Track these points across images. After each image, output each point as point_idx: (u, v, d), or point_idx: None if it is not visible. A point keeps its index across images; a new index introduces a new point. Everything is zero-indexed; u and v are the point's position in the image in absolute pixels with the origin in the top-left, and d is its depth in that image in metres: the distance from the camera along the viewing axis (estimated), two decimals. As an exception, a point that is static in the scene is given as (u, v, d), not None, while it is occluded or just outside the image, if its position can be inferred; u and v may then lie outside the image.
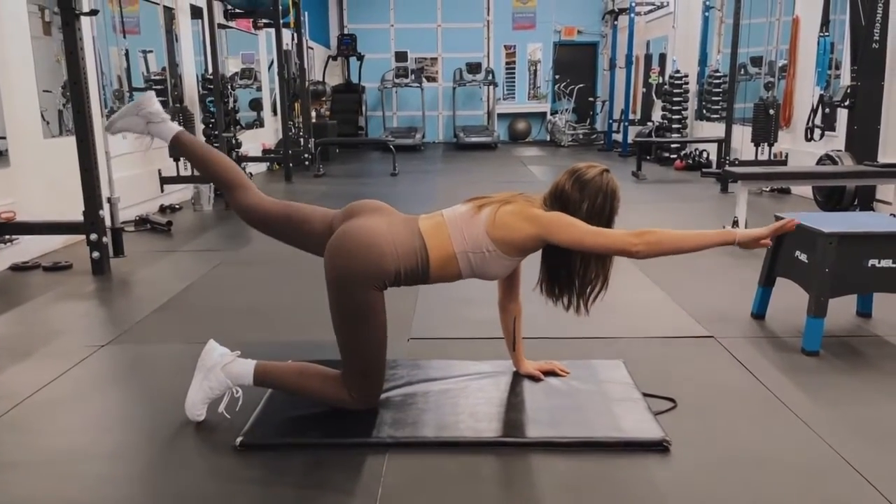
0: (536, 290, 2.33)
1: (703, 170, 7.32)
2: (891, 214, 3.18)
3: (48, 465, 2.02)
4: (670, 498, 1.83)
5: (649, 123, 11.60)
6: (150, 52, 7.25)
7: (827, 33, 6.70)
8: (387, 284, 2.14)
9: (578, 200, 2.17)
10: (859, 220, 3.46)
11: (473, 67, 14.55)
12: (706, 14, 10.35)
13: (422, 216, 2.27)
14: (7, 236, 4.31)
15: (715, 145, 8.42)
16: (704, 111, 10.35)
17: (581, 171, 2.21)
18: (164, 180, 6.43)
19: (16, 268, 4.32)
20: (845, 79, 6.32)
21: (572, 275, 2.24)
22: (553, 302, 2.31)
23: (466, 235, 2.17)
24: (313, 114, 11.20)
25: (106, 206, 4.38)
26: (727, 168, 5.83)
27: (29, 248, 4.51)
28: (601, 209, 2.18)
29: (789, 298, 3.16)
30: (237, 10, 8.83)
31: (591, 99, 14.97)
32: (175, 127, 2.43)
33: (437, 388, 2.43)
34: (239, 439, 2.09)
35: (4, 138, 4.45)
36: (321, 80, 13.47)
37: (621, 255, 2.12)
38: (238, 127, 7.89)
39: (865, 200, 5.68)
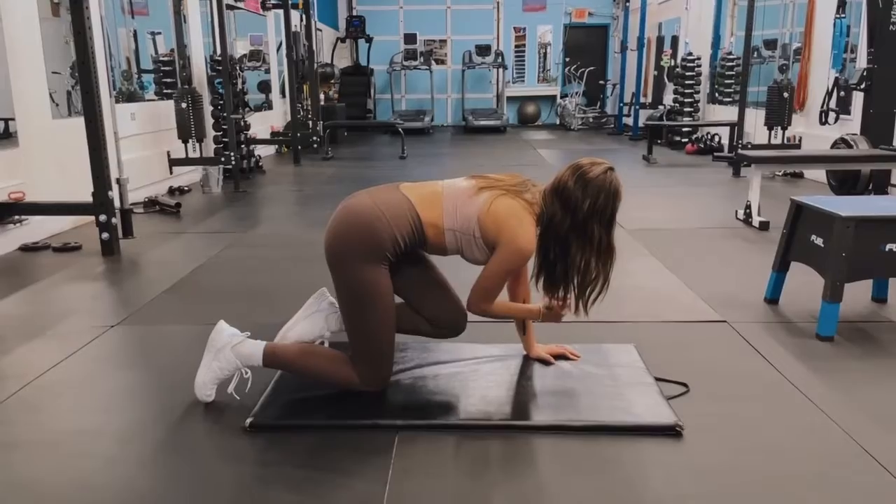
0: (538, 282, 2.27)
1: (715, 154, 7.27)
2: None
3: (57, 445, 2.02)
4: (683, 483, 1.81)
5: (660, 107, 11.50)
6: (159, 33, 7.21)
7: (843, 15, 6.59)
8: (389, 256, 2.11)
9: (580, 199, 2.09)
10: (876, 204, 3.41)
11: (483, 50, 14.42)
12: (720, -5, 10.22)
13: (404, 183, 2.24)
14: (17, 217, 4.32)
15: (727, 129, 8.34)
16: (717, 94, 10.24)
17: (584, 168, 2.12)
18: (173, 162, 6.42)
19: (25, 248, 4.33)
20: (861, 61, 6.22)
21: (570, 272, 2.17)
22: (549, 298, 2.25)
23: (458, 214, 2.14)
24: (322, 96, 11.14)
25: (115, 187, 4.38)
26: (740, 151, 5.75)
27: (38, 228, 4.51)
28: (603, 209, 2.10)
29: (803, 283, 3.12)
30: (246, -9, 8.78)
31: (601, 82, 14.83)
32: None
33: (446, 371, 2.42)
34: (248, 420, 2.08)
35: (13, 119, 4.44)
36: (330, 62, 13.39)
37: (467, 306, 2.24)
38: (246, 109, 7.86)
39: (880, 185, 5.62)
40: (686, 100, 10.47)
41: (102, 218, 4.14)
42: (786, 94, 7.26)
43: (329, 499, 1.75)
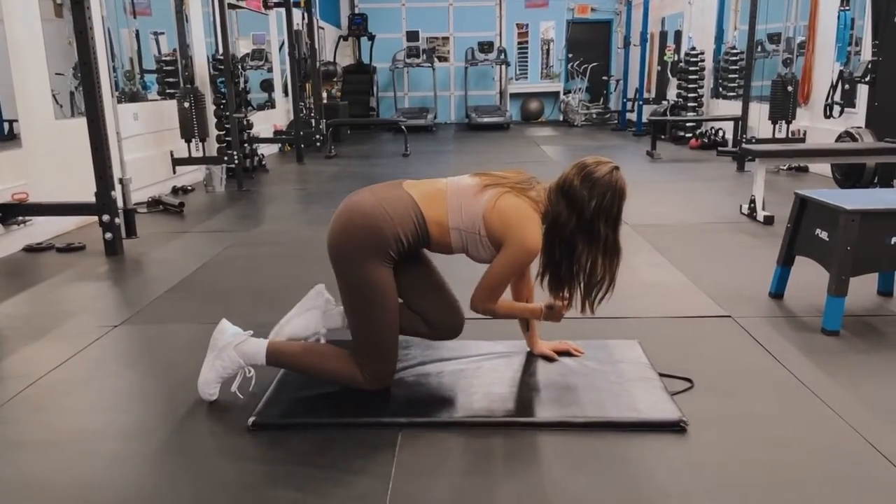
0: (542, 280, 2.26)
1: (719, 148, 7.25)
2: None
3: (62, 444, 2.03)
4: (687, 479, 1.80)
5: (664, 102, 11.46)
6: (162, 33, 7.22)
7: (847, 7, 6.56)
8: (392, 255, 2.11)
9: (586, 198, 2.08)
10: (881, 196, 3.38)
11: (485, 47, 14.39)
12: (723, -11, 10.17)
13: (407, 181, 2.23)
14: (20, 217, 4.33)
15: (731, 123, 8.31)
16: (720, 89, 10.20)
17: (590, 167, 2.11)
18: (177, 162, 6.43)
19: (29, 249, 4.34)
20: (866, 54, 6.19)
21: (575, 271, 2.16)
22: (554, 297, 2.24)
23: (464, 213, 2.13)
24: (324, 94, 11.14)
25: (118, 187, 4.38)
26: (744, 146, 5.73)
27: (42, 229, 4.52)
28: (609, 208, 2.09)
29: (808, 277, 3.10)
30: (247, -10, 8.77)
31: (604, 78, 14.79)
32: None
33: (450, 368, 2.41)
34: (251, 419, 2.08)
35: (17, 120, 4.45)
36: (332, 60, 13.39)
37: (471, 304, 2.19)
38: (249, 108, 7.86)
39: (886, 178, 5.58)
40: (690, 95, 10.43)
41: (105, 218, 4.15)
42: (790, 88, 7.23)
43: (332, 497, 1.75)
